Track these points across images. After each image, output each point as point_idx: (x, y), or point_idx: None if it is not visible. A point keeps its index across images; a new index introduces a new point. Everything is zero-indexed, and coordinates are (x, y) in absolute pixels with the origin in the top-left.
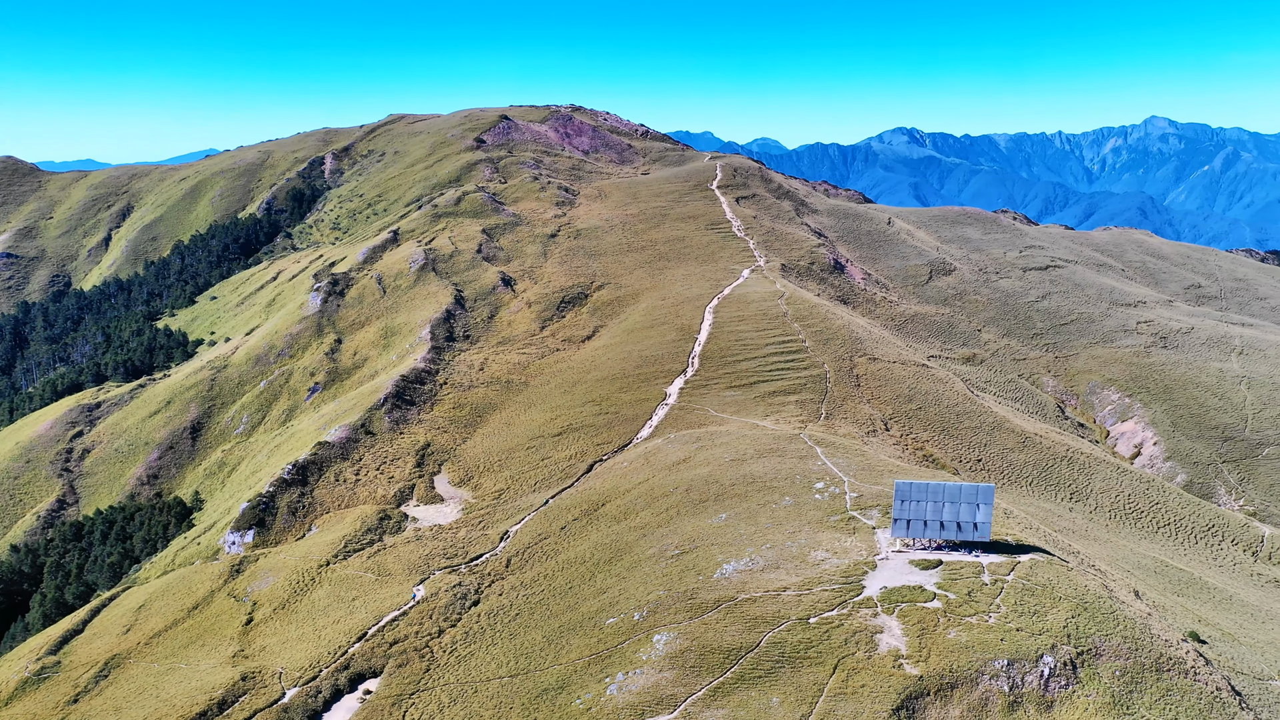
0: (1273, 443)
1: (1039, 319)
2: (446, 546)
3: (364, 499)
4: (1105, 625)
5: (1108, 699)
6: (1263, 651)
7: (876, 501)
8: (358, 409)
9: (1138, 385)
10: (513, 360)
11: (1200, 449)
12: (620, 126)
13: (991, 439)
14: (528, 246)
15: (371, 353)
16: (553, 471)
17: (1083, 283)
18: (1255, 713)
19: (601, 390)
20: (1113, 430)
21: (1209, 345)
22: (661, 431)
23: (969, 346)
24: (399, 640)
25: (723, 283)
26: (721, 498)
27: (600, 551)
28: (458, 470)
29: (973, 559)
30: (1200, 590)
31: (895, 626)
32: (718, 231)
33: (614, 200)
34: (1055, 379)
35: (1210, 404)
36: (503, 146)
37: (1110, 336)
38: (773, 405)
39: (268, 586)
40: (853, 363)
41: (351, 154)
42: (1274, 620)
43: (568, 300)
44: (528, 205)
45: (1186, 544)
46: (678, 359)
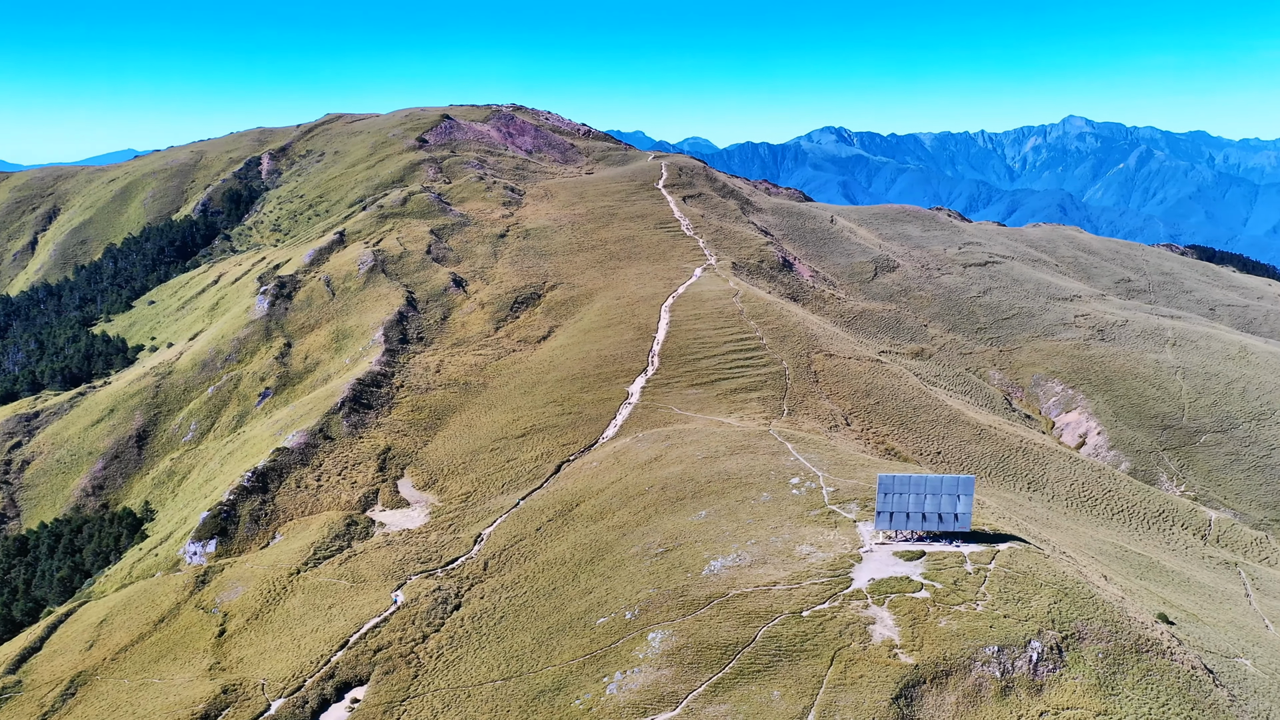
0: (1209, 430)
1: (982, 314)
2: (419, 551)
3: (328, 505)
4: (1086, 610)
5: (1093, 681)
6: (1225, 631)
7: (853, 495)
8: (314, 414)
9: (1079, 377)
10: (469, 362)
11: (1142, 437)
12: (562, 126)
13: (949, 431)
14: (477, 247)
15: (323, 356)
16: (519, 473)
17: (1021, 278)
18: (1228, 689)
19: (563, 390)
20: (1058, 421)
21: (1143, 337)
22: (627, 430)
23: (917, 341)
24: (383, 647)
25: (676, 281)
26: (699, 495)
27: (580, 552)
28: (421, 474)
29: (954, 549)
30: (1160, 574)
31: (887, 617)
32: (667, 230)
33: (561, 200)
34: (1001, 372)
35: (1149, 394)
36: (445, 146)
37: (1051, 330)
38: (735, 402)
39: (238, 597)
40: (810, 359)
41: (289, 154)
42: (1230, 600)
43: (521, 301)
44: (474, 205)
45: (1140, 529)
46: (637, 358)
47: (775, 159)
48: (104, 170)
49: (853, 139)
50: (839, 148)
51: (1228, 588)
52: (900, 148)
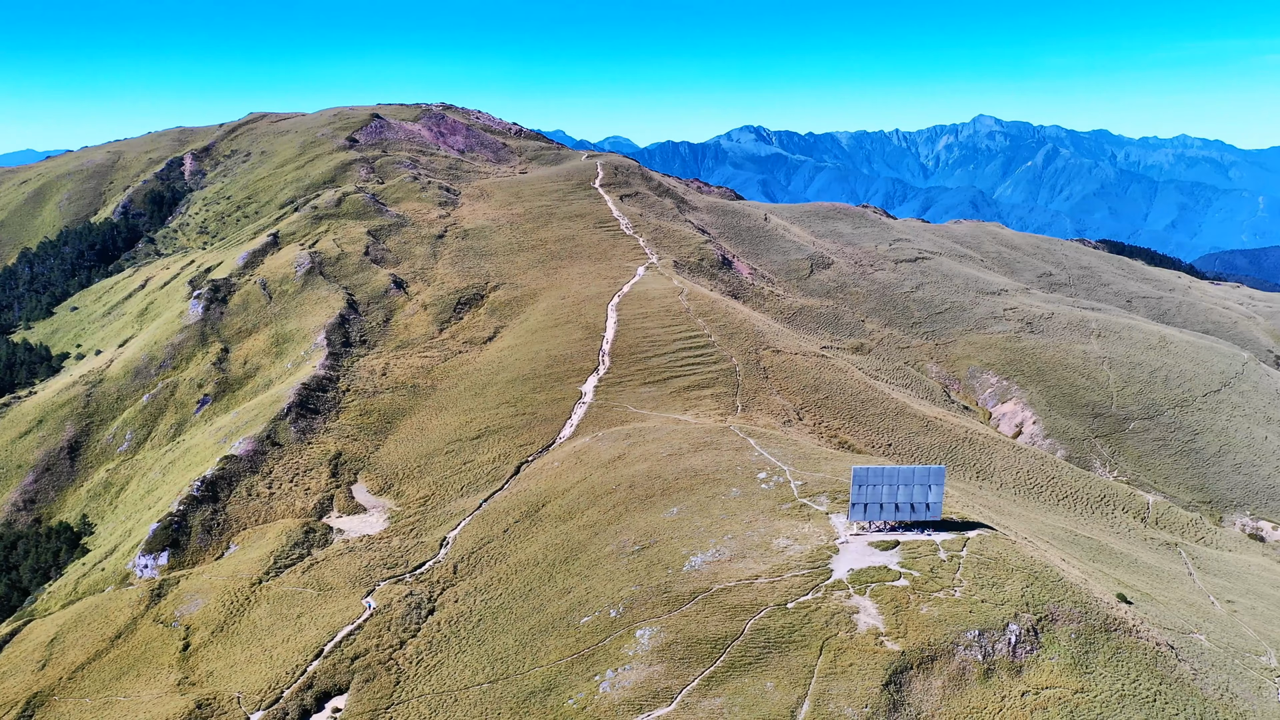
0: (1136, 417)
1: (916, 309)
2: (384, 556)
3: (282, 513)
4: (1056, 592)
5: (1068, 660)
6: (1177, 609)
7: (822, 488)
8: (260, 420)
9: (1013, 368)
10: (416, 364)
11: (1075, 425)
12: (493, 125)
13: (897, 424)
14: (416, 248)
15: (263, 361)
16: (478, 475)
17: (950, 273)
18: (1190, 664)
19: (515, 391)
20: (994, 411)
21: (1070, 329)
22: (583, 430)
23: (856, 337)
24: (360, 654)
25: (620, 280)
26: (668, 492)
27: (553, 552)
28: (376, 479)
29: (926, 538)
30: (1109, 556)
31: (870, 606)
32: (607, 230)
33: (498, 200)
34: (938, 365)
35: (1079, 383)
36: (376, 146)
37: (983, 323)
38: (689, 400)
39: (199, 609)
40: (759, 355)
41: (213, 154)
42: (1177, 580)
43: (464, 301)
44: (410, 206)
45: (1085, 514)
46: (588, 357)
47: (696, 158)
48: (14, 172)
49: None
50: (758, 146)
51: (1172, 567)
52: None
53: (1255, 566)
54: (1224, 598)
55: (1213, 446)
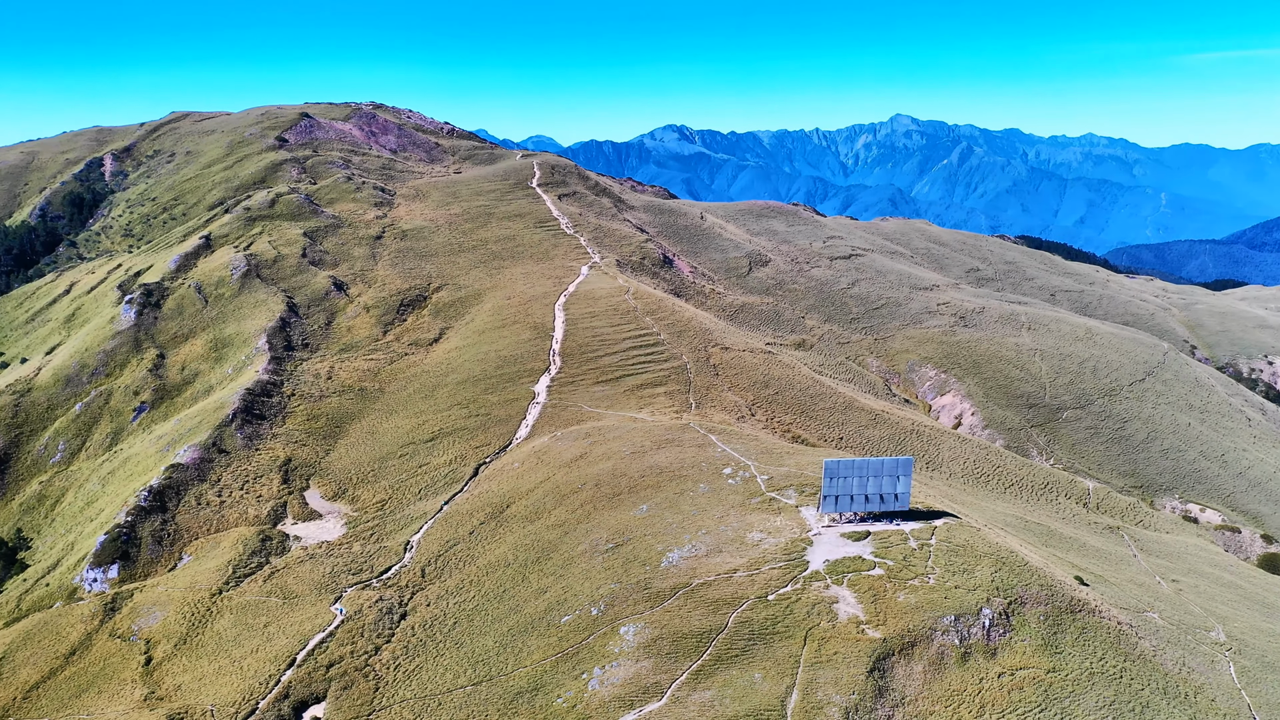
0: (1069, 407)
1: (853, 305)
2: (348, 562)
3: (234, 521)
4: (1023, 576)
5: (1040, 641)
6: (1129, 589)
7: (788, 482)
8: (204, 427)
9: (950, 361)
10: (362, 367)
11: (1011, 416)
12: (425, 125)
13: (846, 418)
14: (354, 249)
15: (203, 366)
16: (435, 478)
17: (884, 270)
18: (1149, 641)
19: (466, 393)
20: (934, 404)
21: (1001, 322)
22: (540, 430)
23: (797, 333)
24: (335, 662)
25: (565, 280)
26: (635, 490)
27: (524, 552)
28: (329, 484)
29: (896, 527)
30: (1059, 541)
31: (849, 596)
32: (547, 229)
33: (434, 200)
34: (878, 359)
35: (1014, 375)
36: (307, 146)
37: (918, 318)
38: (643, 398)
39: (158, 622)
40: (708, 353)
41: (135, 154)
42: (1124, 562)
43: (407, 303)
44: (345, 207)
45: (1031, 500)
46: (538, 357)
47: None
48: None
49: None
50: (682, 145)
51: (1117, 550)
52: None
53: (1193, 547)
54: (1168, 577)
55: (1141, 433)
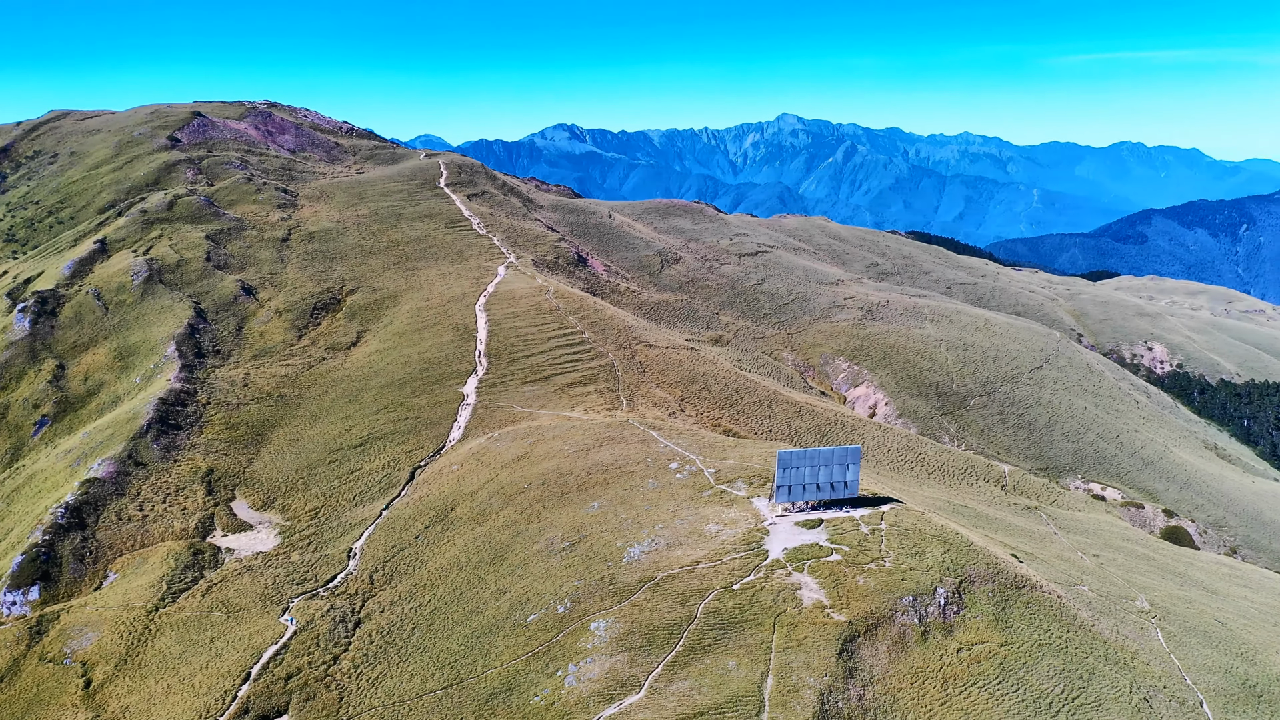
0: (975, 395)
1: (765, 300)
2: (289, 573)
3: (160, 535)
4: (969, 556)
5: (991, 617)
6: (1057, 565)
7: (735, 474)
8: (117, 439)
9: (862, 354)
10: (278, 373)
11: (922, 405)
12: (323, 124)
13: (772, 411)
14: (260, 252)
15: (107, 377)
16: (369, 484)
17: (790, 266)
18: (1085, 611)
19: (392, 396)
20: (849, 395)
21: (906, 315)
22: (473, 432)
23: (713, 329)
24: (294, 674)
25: (483, 280)
26: (584, 487)
27: (476, 554)
28: (256, 494)
29: (846, 514)
30: (987, 522)
31: (811, 582)
32: (459, 230)
33: (339, 201)
34: (793, 353)
35: (922, 366)
36: (201, 145)
37: (827, 312)
38: (574, 397)
39: (93, 644)
40: (633, 350)
41: (13, 155)
42: (1047, 540)
43: (320, 306)
44: (247, 208)
45: (954, 485)
46: (464, 359)
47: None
48: None
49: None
50: (573, 145)
51: (1039, 529)
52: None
53: (1104, 523)
54: (1089, 552)
55: (1043, 418)
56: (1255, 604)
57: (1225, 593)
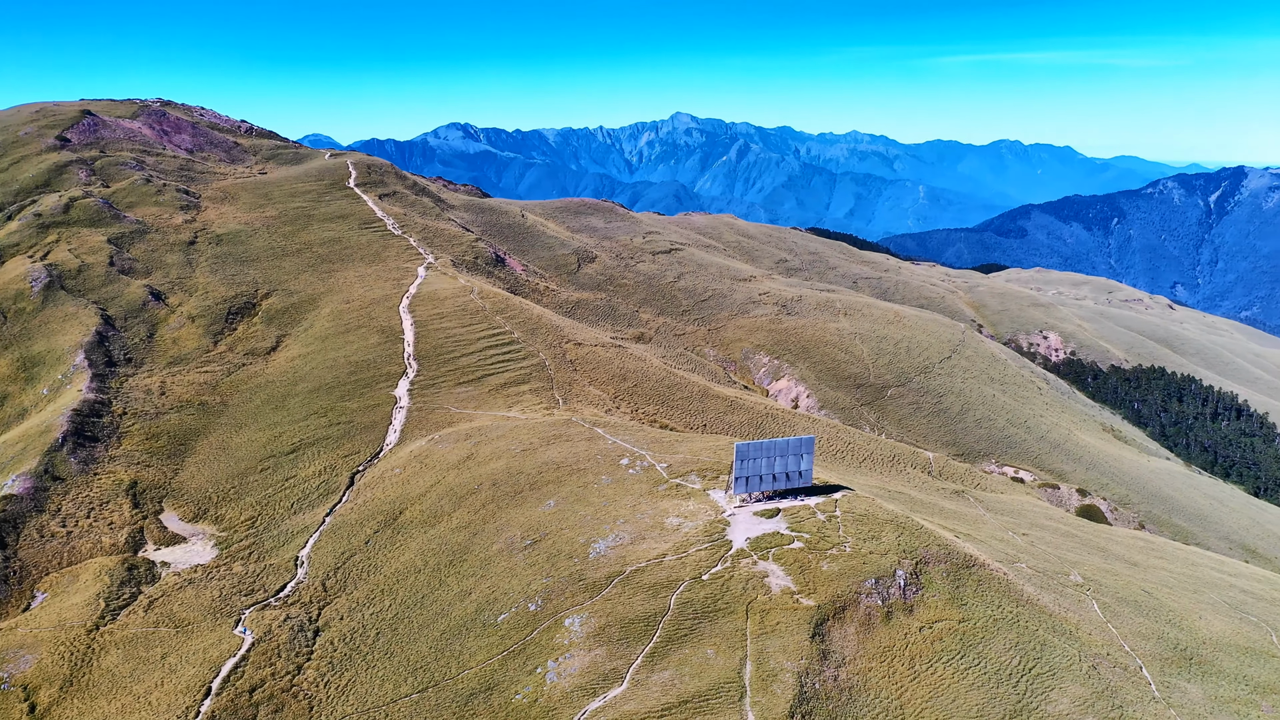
0: (891, 385)
1: (683, 297)
2: (235, 584)
3: (89, 551)
4: (921, 538)
5: (947, 595)
6: (993, 544)
7: (687, 468)
8: (30, 454)
9: (781, 348)
10: (197, 380)
11: (842, 396)
12: (221, 123)
13: (704, 405)
14: (167, 256)
15: (11, 389)
16: (306, 490)
17: (704, 263)
18: (1027, 587)
19: (321, 401)
20: (771, 389)
21: (819, 309)
22: (410, 435)
23: (634, 327)
24: (258, 686)
25: (404, 281)
26: (537, 486)
27: (433, 557)
28: (186, 505)
29: (801, 503)
30: (922, 506)
31: (777, 569)
32: (374, 231)
33: (245, 202)
34: (714, 349)
35: (839, 358)
36: (93, 145)
37: (744, 308)
38: (510, 396)
39: (31, 666)
40: (563, 349)
41: None
42: (979, 521)
43: (234, 311)
44: (148, 211)
45: (885, 472)
46: (393, 361)
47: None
48: None
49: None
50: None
51: (969, 511)
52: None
53: (1027, 504)
54: (1018, 531)
55: (956, 406)
56: (1172, 573)
57: (1144, 564)
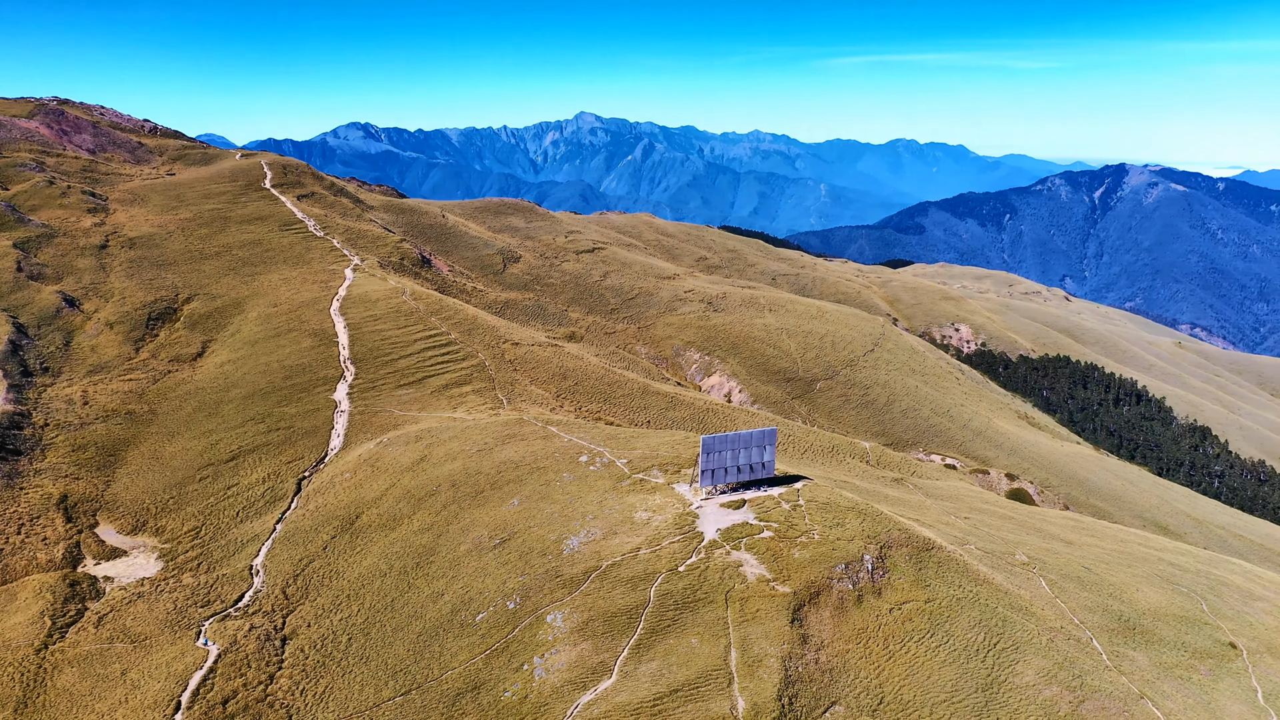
0: (820, 378)
1: (610, 296)
2: (188, 595)
3: (24, 569)
4: (882, 523)
5: (912, 578)
6: (941, 528)
7: (648, 463)
8: None
9: (711, 344)
10: (122, 389)
11: (773, 390)
12: (123, 122)
13: (646, 403)
14: (78, 260)
15: None
16: (251, 498)
17: (627, 261)
18: (983, 567)
19: (257, 407)
20: (703, 384)
21: (745, 306)
22: (354, 439)
23: (565, 326)
24: (230, 697)
25: (332, 284)
26: (498, 485)
27: (398, 560)
28: (123, 518)
29: (765, 494)
30: (868, 494)
31: (750, 558)
32: (295, 232)
33: (157, 204)
34: (645, 346)
35: (768, 353)
36: None
37: (672, 306)
38: (453, 398)
39: None
40: (501, 349)
41: None
42: (922, 507)
43: (155, 317)
44: (54, 214)
45: (827, 462)
46: (328, 365)
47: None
48: None
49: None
50: (368, 144)
51: (911, 497)
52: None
53: (963, 489)
54: (960, 515)
55: (883, 397)
56: (1105, 550)
57: (1079, 543)
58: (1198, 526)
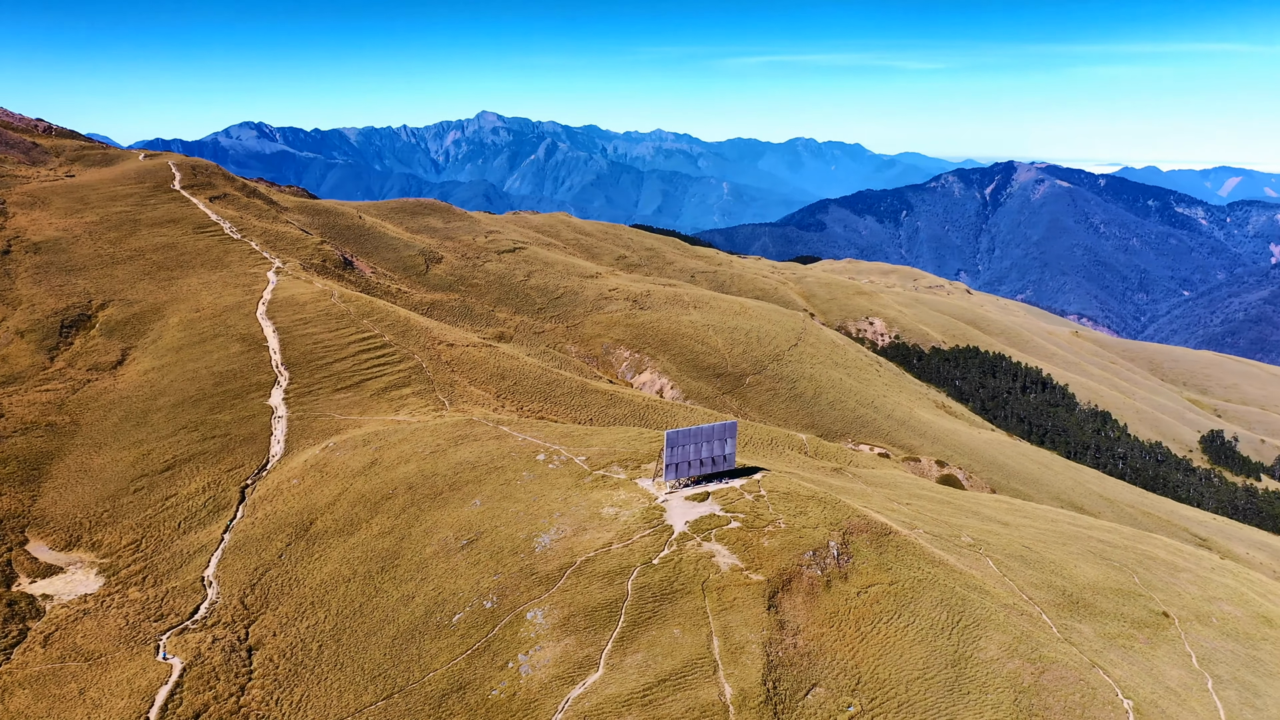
0: (748, 373)
1: (536, 296)
2: (139, 610)
3: None
4: (841, 511)
5: (874, 562)
6: (888, 514)
7: (607, 459)
8: None
9: (640, 342)
10: (39, 400)
11: (704, 386)
12: (14, 121)
13: (586, 400)
14: None
15: None
16: (192, 508)
17: (550, 261)
18: (936, 549)
19: (188, 415)
20: (635, 382)
21: (669, 303)
22: (296, 444)
23: (494, 326)
24: (201, 711)
25: (255, 287)
26: (457, 486)
27: (361, 565)
28: (54, 534)
29: (727, 485)
30: (815, 483)
31: (722, 549)
32: (211, 235)
33: (60, 207)
34: (575, 345)
35: (697, 350)
36: None
37: (598, 304)
38: (394, 400)
39: None
40: (437, 351)
41: None
42: (867, 495)
43: (68, 324)
44: None
45: (768, 455)
46: (260, 370)
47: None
48: None
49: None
50: (262, 144)
51: (853, 485)
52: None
53: (899, 477)
54: (901, 501)
55: (810, 390)
56: (1040, 530)
57: (1014, 524)
58: (1110, 506)
